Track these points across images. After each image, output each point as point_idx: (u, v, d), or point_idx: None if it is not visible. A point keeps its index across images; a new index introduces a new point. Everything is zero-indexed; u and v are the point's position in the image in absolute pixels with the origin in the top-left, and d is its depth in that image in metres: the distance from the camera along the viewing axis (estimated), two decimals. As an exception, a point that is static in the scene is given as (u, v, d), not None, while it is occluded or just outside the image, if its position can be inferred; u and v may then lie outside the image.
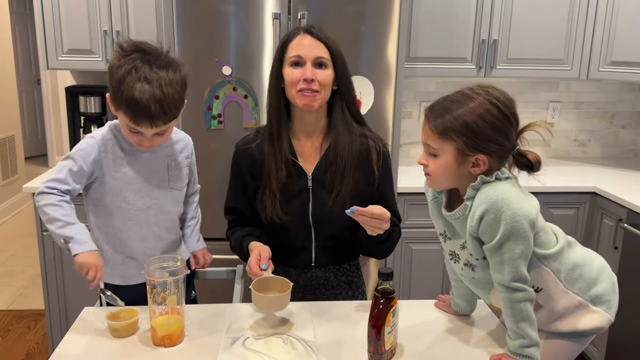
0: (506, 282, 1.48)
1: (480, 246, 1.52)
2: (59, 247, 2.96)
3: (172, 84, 1.70)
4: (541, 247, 1.55)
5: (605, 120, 3.97)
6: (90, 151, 1.82)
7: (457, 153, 1.48)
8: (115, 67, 1.69)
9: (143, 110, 1.67)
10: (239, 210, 2.00)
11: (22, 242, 5.42)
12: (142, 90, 1.65)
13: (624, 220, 2.98)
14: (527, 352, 1.51)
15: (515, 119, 1.49)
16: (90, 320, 1.77)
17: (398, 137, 2.95)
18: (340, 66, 1.84)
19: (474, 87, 1.50)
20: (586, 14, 3.34)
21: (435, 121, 1.49)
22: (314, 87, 1.79)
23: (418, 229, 3.17)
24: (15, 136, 6.14)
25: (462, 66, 3.35)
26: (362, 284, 2.12)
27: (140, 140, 1.78)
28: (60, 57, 3.27)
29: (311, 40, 1.81)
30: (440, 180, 1.56)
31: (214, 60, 2.76)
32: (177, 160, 1.96)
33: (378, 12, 2.78)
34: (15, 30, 7.48)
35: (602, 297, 1.64)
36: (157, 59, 1.71)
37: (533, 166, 1.51)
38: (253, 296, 1.67)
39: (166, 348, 1.62)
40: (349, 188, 1.87)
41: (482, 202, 1.46)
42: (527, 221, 1.44)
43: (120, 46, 1.73)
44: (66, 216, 1.73)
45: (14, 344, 3.64)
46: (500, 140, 1.47)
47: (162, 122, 1.72)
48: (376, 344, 1.52)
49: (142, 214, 1.89)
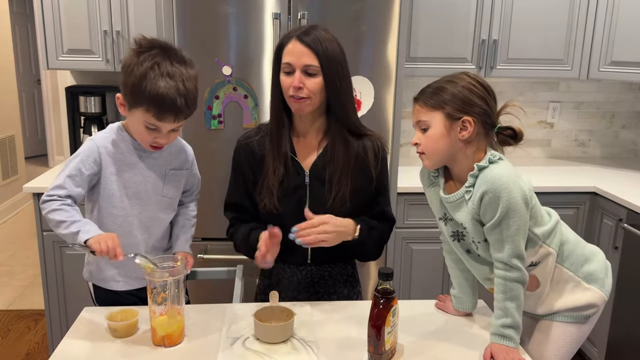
0: (505, 259, 1.57)
1: (481, 228, 1.61)
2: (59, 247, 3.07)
3: (191, 79, 1.75)
4: (537, 224, 1.65)
5: (605, 120, 3.97)
6: (89, 154, 1.82)
7: (446, 119, 1.59)
8: (135, 64, 1.70)
9: (169, 105, 1.69)
10: (240, 205, 2.00)
11: (22, 242, 5.41)
12: (167, 85, 1.68)
13: (624, 220, 2.97)
14: (507, 332, 1.57)
15: (494, 96, 1.63)
16: (91, 321, 1.77)
17: (398, 137, 2.95)
18: (329, 75, 1.81)
19: (457, 73, 1.65)
20: (586, 14, 3.34)
21: (426, 99, 1.63)
22: (302, 94, 1.80)
23: (418, 229, 3.17)
24: (16, 136, 6.14)
25: (462, 66, 3.32)
26: (357, 283, 2.12)
27: (156, 137, 1.78)
28: (60, 57, 3.26)
29: (301, 48, 1.79)
30: (433, 153, 1.64)
31: (214, 60, 2.75)
32: (175, 169, 1.96)
33: (378, 11, 2.77)
34: (15, 30, 7.48)
35: (595, 275, 1.73)
36: (175, 55, 1.75)
37: (517, 135, 1.62)
38: (255, 326, 1.67)
39: (166, 348, 1.62)
40: (348, 188, 1.88)
41: (481, 184, 1.57)
42: (522, 198, 1.54)
43: (138, 43, 1.74)
44: (69, 217, 1.73)
45: (14, 344, 3.64)
46: (483, 106, 1.59)
47: (185, 116, 1.76)
48: (376, 344, 1.52)
49: (135, 219, 1.89)
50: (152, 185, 1.90)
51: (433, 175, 1.74)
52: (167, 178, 1.93)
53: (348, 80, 1.87)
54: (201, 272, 2.21)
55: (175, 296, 1.63)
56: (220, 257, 2.86)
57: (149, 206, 1.90)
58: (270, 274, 2.05)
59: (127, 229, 1.88)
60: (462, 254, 1.76)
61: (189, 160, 2.02)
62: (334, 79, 1.81)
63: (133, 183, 1.86)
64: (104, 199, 1.85)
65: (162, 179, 1.92)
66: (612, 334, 3.06)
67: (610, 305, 3.02)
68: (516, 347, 1.58)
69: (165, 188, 1.93)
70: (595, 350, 3.21)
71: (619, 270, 2.99)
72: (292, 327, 1.68)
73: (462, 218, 1.64)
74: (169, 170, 1.93)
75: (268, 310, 1.71)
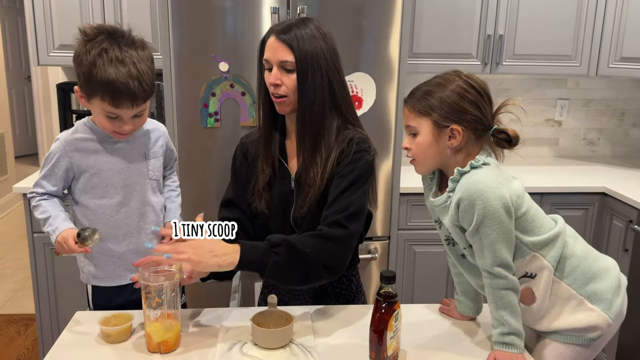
0: (488, 267, 1.55)
1: (462, 234, 1.59)
2: (50, 249, 3.05)
3: (144, 60, 1.72)
4: (528, 233, 1.60)
5: (615, 118, 3.95)
6: (55, 153, 1.83)
7: (434, 126, 1.56)
8: (83, 54, 1.69)
9: (123, 90, 1.67)
10: (234, 203, 1.95)
11: (12, 244, 5.41)
12: (117, 70, 1.66)
13: (634, 222, 2.95)
14: (508, 339, 1.56)
15: (488, 96, 1.59)
16: (83, 325, 1.76)
17: (400, 135, 2.91)
18: (303, 72, 1.74)
19: (448, 72, 1.62)
20: (595, 9, 3.33)
21: (414, 103, 1.60)
22: (280, 92, 1.77)
23: (421, 230, 3.15)
24: (5, 135, 6.16)
25: (467, 62, 3.32)
26: (356, 297, 2.02)
27: (120, 126, 1.77)
28: (51, 53, 3.24)
29: (277, 43, 1.75)
30: (423, 160, 1.62)
31: (211, 56, 2.72)
32: (154, 150, 1.95)
33: (380, 5, 2.74)
34: (5, 25, 7.49)
35: (600, 295, 1.64)
36: (123, 38, 1.72)
37: (512, 140, 1.58)
38: (253, 330, 1.64)
39: (162, 355, 1.59)
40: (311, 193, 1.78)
41: (458, 190, 1.55)
42: (501, 205, 1.50)
43: (83, 32, 1.72)
44: (43, 212, 1.81)
45: (3, 350, 3.62)
46: (474, 112, 1.55)
47: (142, 100, 1.73)
48: (378, 349, 1.52)
49: (124, 207, 1.88)
50: (136, 169, 1.89)
51: (430, 178, 1.73)
52: (149, 160, 1.93)
53: (325, 78, 1.77)
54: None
55: (171, 301, 1.60)
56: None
57: (138, 192, 1.90)
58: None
59: (116, 219, 1.88)
60: (456, 259, 1.74)
61: (164, 136, 2.01)
62: (307, 76, 1.74)
63: (116, 171, 1.86)
64: (87, 191, 1.86)
65: (144, 160, 1.92)
66: (622, 339, 3.05)
67: (620, 309, 2.97)
68: (521, 353, 1.56)
69: (150, 171, 1.93)
70: (605, 356, 3.20)
71: (629, 274, 2.97)
72: (291, 332, 1.66)
73: (447, 223, 1.62)
74: (148, 152, 1.94)
75: (266, 315, 1.69)
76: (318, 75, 1.75)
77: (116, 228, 1.86)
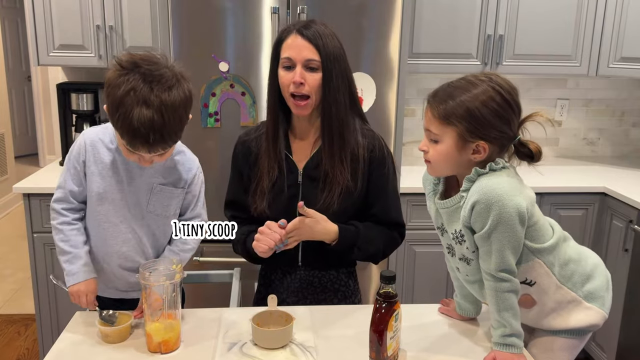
0: (492, 270, 1.53)
1: (473, 236, 1.56)
2: (50, 249, 3.02)
3: (175, 107, 1.57)
4: (535, 240, 1.58)
5: (615, 118, 3.94)
6: (77, 149, 1.78)
7: (458, 139, 1.50)
8: (113, 87, 1.57)
9: (140, 140, 1.56)
10: (239, 203, 1.97)
11: (12, 244, 5.39)
12: (141, 115, 1.53)
13: (634, 222, 2.95)
14: (509, 340, 1.55)
15: (518, 107, 1.52)
16: (83, 326, 1.75)
17: (400, 135, 2.92)
18: (328, 71, 1.77)
19: (478, 74, 1.54)
20: (595, 8, 3.31)
21: (437, 107, 1.51)
22: (303, 91, 1.77)
23: (421, 230, 3.12)
24: (5, 135, 6.12)
25: (467, 62, 3.32)
26: (354, 295, 2.05)
27: (139, 159, 1.68)
28: (51, 53, 3.24)
29: (302, 42, 1.76)
30: (441, 166, 1.58)
31: (211, 56, 2.72)
32: (165, 185, 1.82)
33: (380, 5, 2.74)
34: (5, 24, 7.47)
35: (596, 293, 1.66)
36: (160, 77, 1.57)
37: (534, 156, 1.55)
38: (253, 330, 1.65)
39: (162, 355, 1.60)
40: (339, 188, 1.83)
41: (474, 192, 1.50)
42: (517, 213, 1.47)
43: (119, 62, 1.59)
44: (64, 242, 1.76)
45: (3, 350, 3.61)
46: (502, 127, 1.50)
47: (161, 148, 1.61)
48: (378, 349, 1.51)
49: (113, 228, 1.80)
50: (135, 196, 1.79)
51: (434, 182, 1.69)
52: (155, 193, 1.81)
53: (345, 78, 1.82)
54: (197, 275, 2.20)
55: (172, 301, 1.59)
56: (216, 259, 2.85)
57: (128, 219, 1.80)
58: (264, 275, 2.03)
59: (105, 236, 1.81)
60: (452, 270, 1.75)
61: (186, 179, 1.85)
62: (332, 75, 1.78)
63: (115, 190, 1.77)
64: (89, 198, 1.80)
65: (148, 192, 1.80)
66: (622, 339, 3.05)
67: (620, 310, 3.01)
68: (521, 353, 1.57)
69: (150, 203, 1.81)
70: (605, 356, 3.19)
71: (629, 274, 2.97)
72: (291, 332, 1.66)
73: (456, 225, 1.60)
74: (157, 184, 1.81)
75: (266, 315, 1.70)
76: (340, 74, 1.79)
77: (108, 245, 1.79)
